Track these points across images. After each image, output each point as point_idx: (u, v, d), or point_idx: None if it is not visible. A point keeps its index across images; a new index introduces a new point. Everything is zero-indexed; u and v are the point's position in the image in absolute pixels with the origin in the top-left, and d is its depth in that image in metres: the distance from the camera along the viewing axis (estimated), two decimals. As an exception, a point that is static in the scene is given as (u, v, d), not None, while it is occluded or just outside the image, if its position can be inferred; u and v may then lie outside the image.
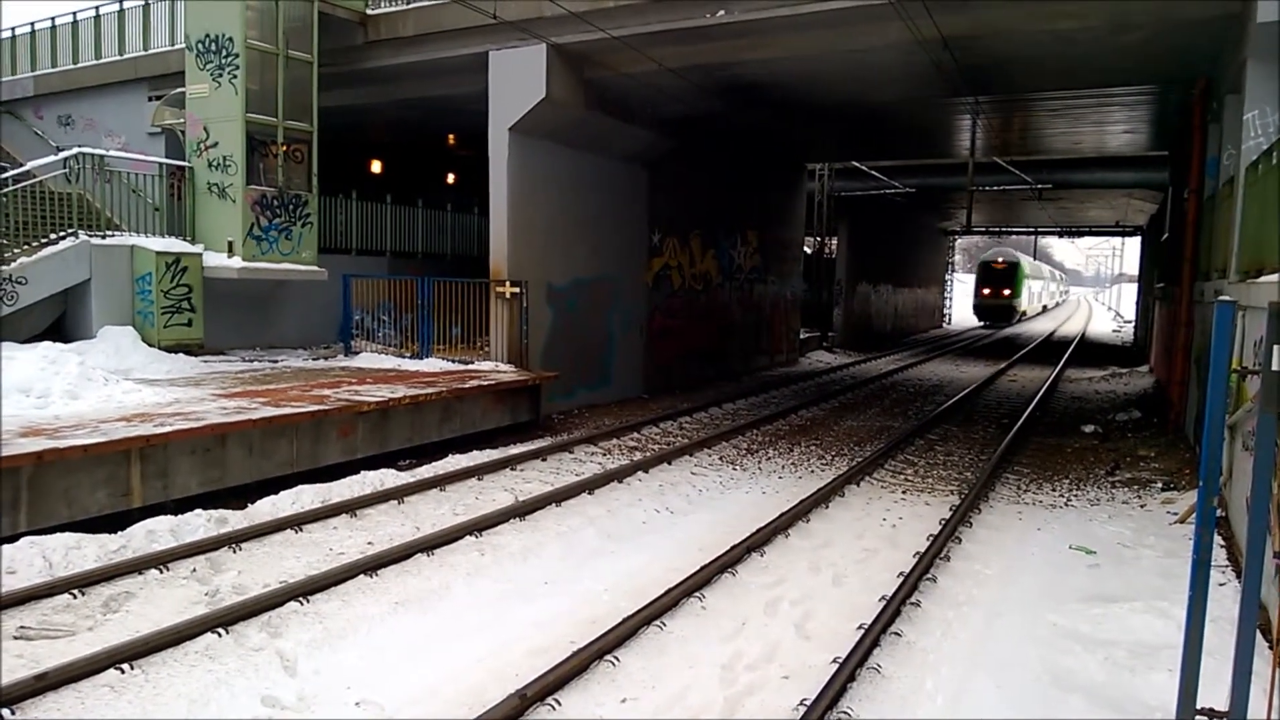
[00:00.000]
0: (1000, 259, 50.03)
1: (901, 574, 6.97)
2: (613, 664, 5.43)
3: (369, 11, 15.26)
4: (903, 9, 10.24)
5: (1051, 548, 8.10)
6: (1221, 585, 6.64)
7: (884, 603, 6.28)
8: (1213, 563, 3.91)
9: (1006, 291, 49.44)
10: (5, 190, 13.25)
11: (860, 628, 5.86)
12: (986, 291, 49.59)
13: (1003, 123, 19.04)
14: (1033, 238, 57.52)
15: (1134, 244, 52.79)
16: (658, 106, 15.66)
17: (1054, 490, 10.43)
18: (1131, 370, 23.99)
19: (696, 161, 19.00)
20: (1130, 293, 59.13)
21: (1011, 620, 6.33)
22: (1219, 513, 7.57)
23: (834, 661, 5.37)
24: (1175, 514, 9.01)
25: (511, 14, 12.80)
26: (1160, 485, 10.31)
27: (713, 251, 20.65)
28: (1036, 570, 7.47)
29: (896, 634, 5.96)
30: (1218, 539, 7.46)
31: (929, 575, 7.10)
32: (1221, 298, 3.99)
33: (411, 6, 14.82)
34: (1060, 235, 52.86)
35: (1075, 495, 10.19)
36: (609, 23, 12.44)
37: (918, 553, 7.53)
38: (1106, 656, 5.65)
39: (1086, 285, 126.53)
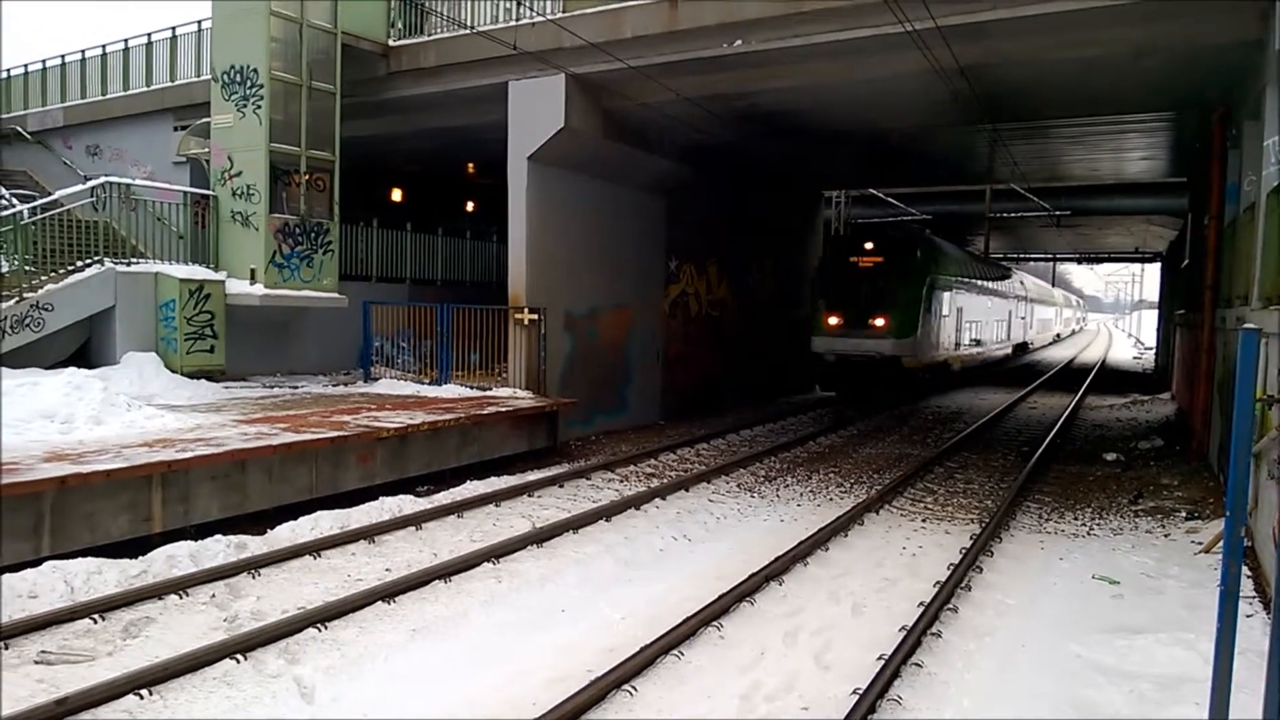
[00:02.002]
0: (870, 244, 21.26)
1: (922, 604, 6.90)
2: (630, 693, 5.39)
3: (391, 43, 15.50)
4: (920, 38, 10.30)
5: (1074, 577, 7.99)
6: (1249, 617, 6.53)
7: (904, 633, 6.21)
8: (1240, 594, 3.86)
9: (880, 321, 20.31)
10: (34, 219, 13.49)
11: (881, 658, 5.80)
12: (834, 321, 20.64)
13: (1020, 149, 19.05)
14: (1051, 264, 56.10)
15: (1154, 270, 52.54)
16: (675, 135, 15.78)
17: (1076, 519, 10.31)
18: (1153, 397, 23.74)
19: (713, 189, 19.09)
20: (1150, 319, 58.51)
21: (1034, 651, 6.24)
22: (1245, 542, 7.47)
23: (854, 693, 5.31)
24: (1200, 544, 8.89)
25: (531, 45, 12.97)
26: (1184, 514, 10.17)
27: (729, 278, 20.69)
28: (1059, 600, 7.38)
29: (917, 665, 5.89)
30: (1244, 569, 7.34)
31: (950, 605, 7.02)
32: (1245, 325, 3.97)
33: (433, 38, 15.05)
34: (1079, 262, 52.66)
35: (1098, 524, 10.07)
36: (627, 53, 12.57)
37: (938, 582, 7.45)
38: (1132, 689, 5.56)
39: (1106, 311, 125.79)
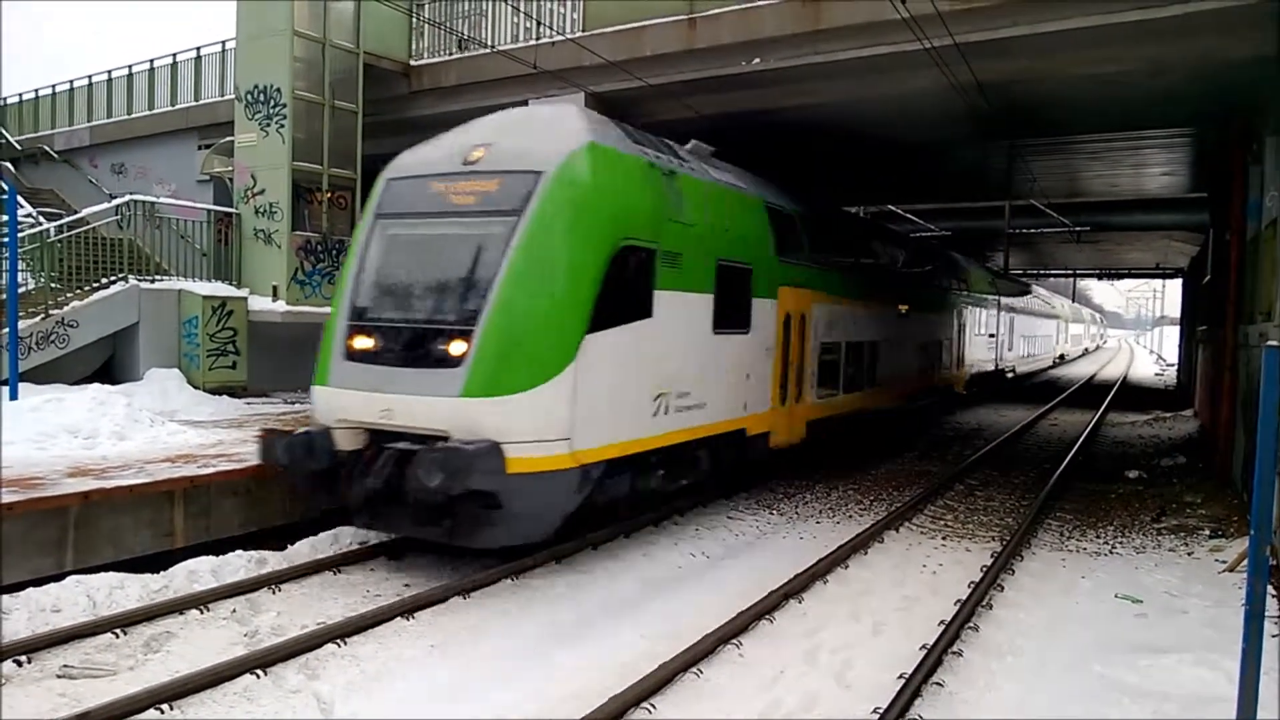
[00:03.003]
0: (479, 148, 8.24)
1: (943, 622, 6.85)
2: (649, 711, 5.38)
3: (413, 63, 15.69)
4: (938, 55, 10.32)
5: (1097, 596, 7.92)
6: (1275, 636, 6.45)
7: (925, 652, 6.17)
8: (1265, 613, 3.82)
9: (456, 346, 7.32)
10: (60, 236, 13.69)
11: (901, 677, 5.75)
12: (362, 344, 7.88)
13: (1040, 166, 19.00)
14: (1071, 280, 55.35)
15: (1175, 286, 52.07)
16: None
17: (1098, 537, 10.21)
18: (1175, 414, 23.52)
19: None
20: (1172, 335, 57.92)
21: (1056, 671, 6.18)
22: (1270, 561, 7.38)
23: (874, 712, 5.27)
24: (1224, 562, 8.79)
25: (551, 63, 13.08)
26: (1208, 532, 10.06)
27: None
28: (1082, 619, 7.31)
29: (938, 684, 5.84)
30: (1270, 588, 7.25)
31: (971, 624, 6.97)
32: (1269, 342, 3.94)
33: (454, 57, 15.21)
34: (1099, 278, 52.28)
35: (1120, 542, 9.97)
36: (646, 71, 12.66)
37: (959, 600, 7.40)
38: (1155, 709, 5.50)
39: (1127, 328, 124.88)
